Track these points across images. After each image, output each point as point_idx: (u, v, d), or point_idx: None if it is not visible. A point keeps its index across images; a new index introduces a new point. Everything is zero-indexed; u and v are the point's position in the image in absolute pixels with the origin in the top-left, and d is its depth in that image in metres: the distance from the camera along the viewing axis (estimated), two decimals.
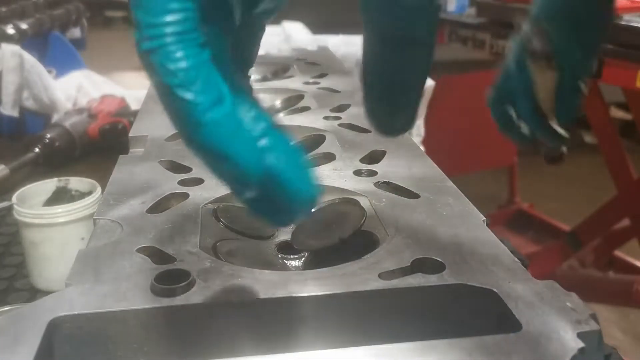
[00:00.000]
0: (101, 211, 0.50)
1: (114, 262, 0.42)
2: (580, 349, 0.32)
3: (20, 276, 0.83)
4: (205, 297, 0.38)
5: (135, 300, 0.38)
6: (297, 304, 0.39)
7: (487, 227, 0.47)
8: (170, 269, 0.41)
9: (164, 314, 0.38)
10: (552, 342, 0.33)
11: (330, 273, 0.41)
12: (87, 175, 0.86)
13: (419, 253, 0.43)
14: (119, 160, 0.62)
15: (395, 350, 0.33)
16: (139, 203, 0.51)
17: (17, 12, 1.67)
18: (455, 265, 0.41)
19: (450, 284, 0.39)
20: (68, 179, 0.85)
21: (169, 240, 0.45)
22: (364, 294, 0.39)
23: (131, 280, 0.40)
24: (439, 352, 0.33)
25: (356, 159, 0.61)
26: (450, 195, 0.52)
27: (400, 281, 0.40)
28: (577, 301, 0.37)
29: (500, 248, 0.43)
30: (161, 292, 0.38)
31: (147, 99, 0.83)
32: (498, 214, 2.79)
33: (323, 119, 0.74)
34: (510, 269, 0.41)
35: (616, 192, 2.22)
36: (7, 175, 1.14)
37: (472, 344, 0.33)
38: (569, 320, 0.35)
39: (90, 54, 2.12)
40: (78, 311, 0.37)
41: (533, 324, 0.35)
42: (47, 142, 1.26)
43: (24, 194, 0.80)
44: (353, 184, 0.56)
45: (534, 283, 0.39)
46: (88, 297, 0.38)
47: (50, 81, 1.45)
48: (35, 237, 0.77)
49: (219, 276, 0.40)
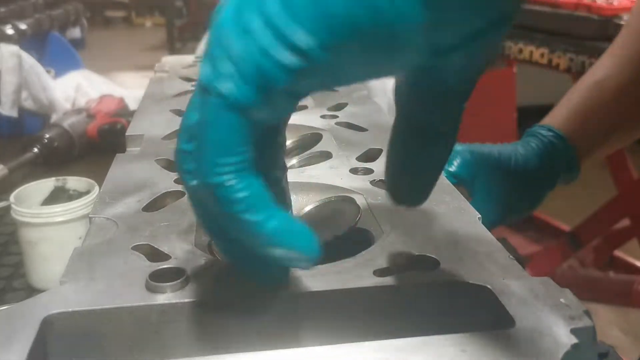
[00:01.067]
0: (97, 209, 0.50)
1: (109, 260, 0.42)
2: (573, 344, 0.32)
3: (17, 275, 0.83)
4: (200, 294, 0.38)
5: (129, 298, 0.38)
6: (292, 301, 0.39)
7: (482, 224, 0.47)
8: (165, 267, 0.41)
9: (158, 312, 0.38)
10: (545, 338, 0.33)
11: (326, 270, 0.41)
12: (86, 175, 0.86)
13: (414, 250, 0.43)
14: (116, 158, 0.62)
15: (390, 347, 0.33)
16: (134, 201, 0.51)
17: (16, 12, 1.67)
18: (450, 262, 0.41)
19: (444, 280, 0.39)
20: (66, 179, 0.85)
21: (165, 238, 0.45)
22: (358, 290, 0.39)
23: (126, 278, 0.40)
24: (432, 348, 0.33)
25: (352, 157, 0.61)
26: (446, 192, 0.52)
27: (395, 278, 0.40)
28: (571, 297, 0.37)
29: (495, 245, 0.43)
30: (156, 289, 0.38)
31: (145, 99, 0.83)
32: None
33: (320, 117, 0.74)
34: (505, 266, 0.41)
35: (616, 192, 2.22)
36: (6, 175, 1.14)
37: (466, 339, 0.33)
38: (563, 317, 0.35)
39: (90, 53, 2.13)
40: (72, 308, 0.37)
41: (526, 320, 0.35)
42: (46, 142, 1.26)
43: (21, 193, 0.80)
44: (349, 182, 0.56)
45: (528, 280, 0.39)
46: (82, 294, 0.38)
47: (49, 81, 1.45)
48: (33, 237, 0.77)
49: (214, 274, 0.40)
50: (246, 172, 0.30)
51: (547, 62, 1.92)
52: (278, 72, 0.28)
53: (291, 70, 0.28)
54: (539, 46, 1.95)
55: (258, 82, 0.28)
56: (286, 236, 0.31)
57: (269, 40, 0.27)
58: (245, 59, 0.28)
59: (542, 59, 1.93)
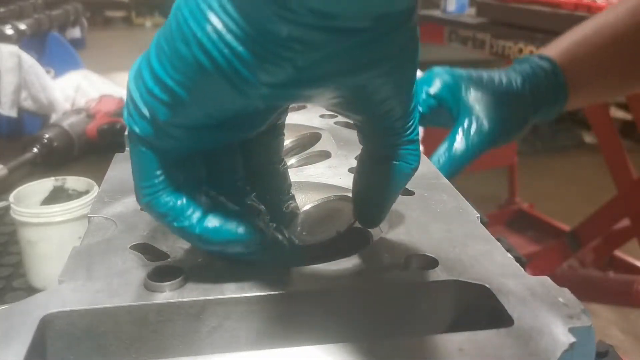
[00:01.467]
0: (95, 209, 0.50)
1: (107, 259, 0.42)
2: (571, 343, 0.32)
3: (17, 275, 0.83)
4: (198, 293, 0.38)
5: (127, 297, 0.38)
6: (290, 300, 0.39)
7: (481, 223, 0.47)
8: (163, 266, 0.41)
9: (156, 311, 0.38)
10: (543, 337, 0.33)
11: (323, 269, 0.41)
12: (86, 174, 0.86)
13: (412, 249, 0.43)
14: (114, 158, 0.62)
15: (389, 346, 0.33)
16: (133, 201, 0.51)
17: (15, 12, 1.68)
18: (448, 261, 0.41)
19: (443, 280, 0.39)
20: (65, 178, 0.85)
21: (163, 237, 0.45)
22: (357, 289, 0.39)
23: (124, 277, 0.40)
24: (431, 347, 0.33)
25: (351, 157, 0.61)
26: (444, 192, 0.53)
27: (394, 277, 0.40)
28: (570, 296, 0.36)
29: (493, 244, 0.43)
30: (154, 288, 0.38)
31: None
32: (498, 214, 2.79)
33: (319, 117, 0.74)
34: (503, 265, 0.41)
35: (616, 192, 2.22)
36: (6, 175, 1.14)
37: (464, 338, 0.33)
38: (561, 315, 0.35)
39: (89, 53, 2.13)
40: (70, 308, 0.37)
41: (525, 319, 0.35)
42: (46, 142, 1.26)
43: (21, 193, 0.80)
44: (348, 181, 0.56)
45: (526, 278, 0.39)
46: (80, 293, 0.38)
47: (49, 81, 1.45)
48: (32, 236, 0.77)
49: (212, 273, 0.40)
50: (164, 190, 0.37)
51: None
52: (158, 107, 0.35)
53: (165, 103, 0.34)
54: (539, 46, 1.95)
55: (149, 117, 0.35)
56: (214, 235, 0.38)
57: (150, 83, 0.34)
58: (138, 100, 0.35)
59: None
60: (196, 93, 0.34)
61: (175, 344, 0.38)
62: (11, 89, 1.36)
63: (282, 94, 0.34)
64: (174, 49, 0.33)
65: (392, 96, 0.36)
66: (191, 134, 0.37)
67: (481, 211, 0.50)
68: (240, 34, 0.31)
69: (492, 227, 0.44)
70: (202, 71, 0.32)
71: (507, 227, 2.69)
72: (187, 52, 0.32)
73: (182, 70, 0.33)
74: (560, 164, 4.01)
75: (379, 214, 0.43)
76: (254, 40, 0.31)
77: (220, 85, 0.32)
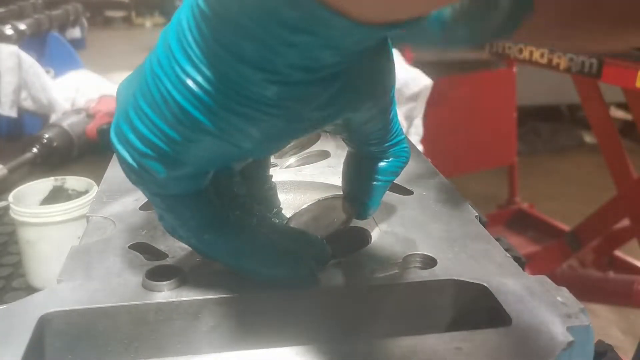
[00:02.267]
0: (94, 208, 0.50)
1: (106, 259, 0.42)
2: (569, 342, 0.32)
3: (16, 275, 0.83)
4: (196, 293, 0.38)
5: (126, 296, 0.38)
6: (288, 300, 0.39)
7: (480, 223, 0.47)
8: (161, 265, 0.41)
9: (155, 310, 0.38)
10: (541, 335, 0.33)
11: (322, 268, 0.41)
12: (85, 174, 0.86)
13: (411, 249, 0.43)
14: (114, 158, 0.62)
15: (386, 345, 0.33)
16: (131, 200, 0.51)
17: (15, 12, 1.68)
18: (447, 260, 0.41)
19: (441, 279, 0.39)
20: (64, 178, 0.85)
21: (161, 236, 0.45)
22: (356, 289, 0.39)
23: (122, 276, 0.40)
24: (429, 346, 0.33)
25: None
26: (443, 191, 0.52)
27: (392, 277, 0.40)
28: (568, 295, 0.36)
29: (492, 243, 0.43)
30: (153, 287, 0.38)
31: None
32: (498, 214, 2.78)
33: None
34: (502, 264, 0.41)
35: (616, 192, 2.22)
36: (6, 175, 1.14)
37: (462, 337, 0.33)
38: (559, 314, 0.35)
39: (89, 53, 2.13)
40: (69, 307, 0.37)
41: (523, 318, 0.35)
42: (45, 142, 1.26)
43: (20, 193, 0.80)
44: None
45: (524, 278, 0.39)
46: (79, 293, 0.38)
47: (49, 81, 1.45)
48: (32, 236, 0.77)
49: (210, 272, 0.40)
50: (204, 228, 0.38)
51: (547, 62, 1.92)
52: (154, 165, 0.34)
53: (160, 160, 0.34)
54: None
55: (148, 177, 0.35)
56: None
57: (140, 146, 0.34)
58: (133, 163, 0.35)
59: (542, 59, 1.93)
60: (189, 149, 0.34)
61: (174, 343, 0.38)
62: (11, 89, 1.36)
63: (274, 146, 0.35)
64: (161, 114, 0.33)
65: (373, 117, 0.38)
66: (195, 179, 0.36)
67: (481, 211, 0.50)
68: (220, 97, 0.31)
69: (492, 227, 0.44)
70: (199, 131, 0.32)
71: (507, 227, 2.69)
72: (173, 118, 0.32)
73: (175, 127, 0.33)
74: (560, 164, 4.01)
75: (368, 206, 0.44)
76: (243, 104, 0.31)
77: (213, 143, 0.33)
